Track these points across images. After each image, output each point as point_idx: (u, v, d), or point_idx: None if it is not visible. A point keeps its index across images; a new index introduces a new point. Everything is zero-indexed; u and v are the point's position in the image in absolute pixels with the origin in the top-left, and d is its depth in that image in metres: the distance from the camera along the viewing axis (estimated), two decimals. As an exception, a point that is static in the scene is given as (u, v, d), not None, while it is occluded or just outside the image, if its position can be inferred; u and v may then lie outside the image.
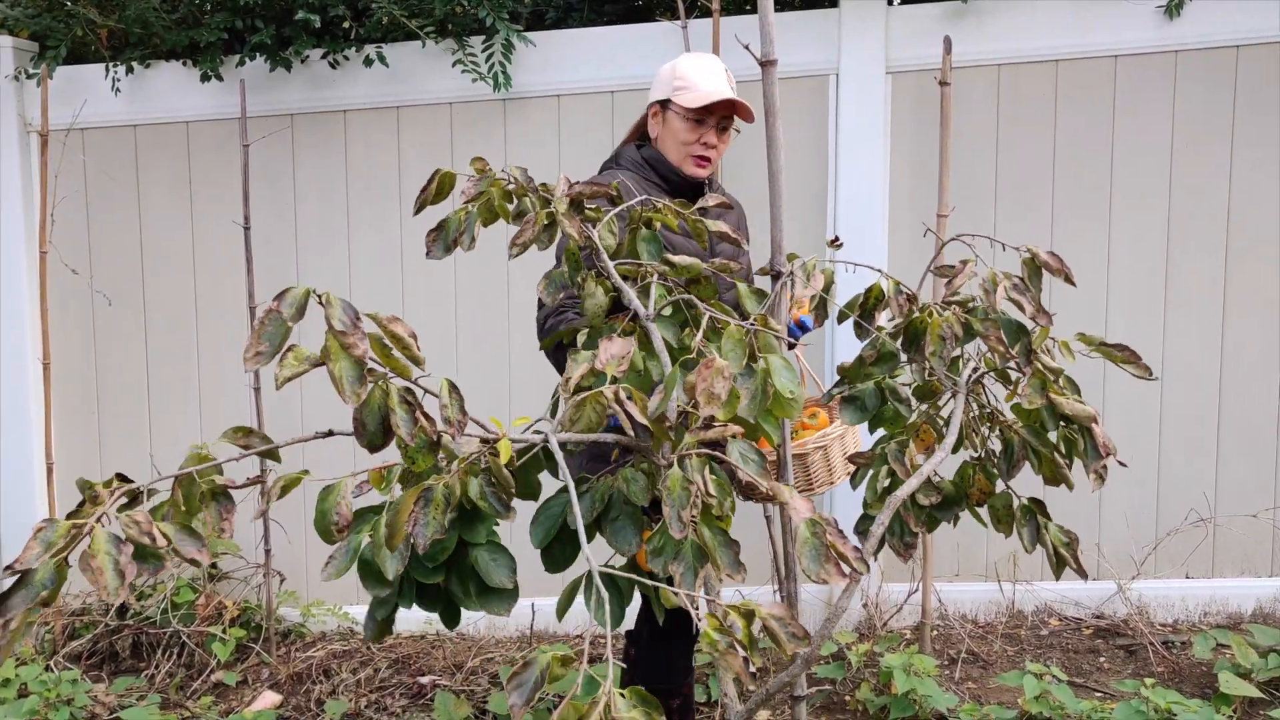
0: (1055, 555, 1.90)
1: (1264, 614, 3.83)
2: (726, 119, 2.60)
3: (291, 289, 1.40)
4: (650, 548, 1.61)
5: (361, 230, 4.03)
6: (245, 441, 1.52)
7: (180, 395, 4.13)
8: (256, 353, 1.37)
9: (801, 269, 1.91)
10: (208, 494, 1.49)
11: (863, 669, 3.48)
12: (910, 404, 2.02)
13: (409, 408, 1.47)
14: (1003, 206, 3.82)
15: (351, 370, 1.41)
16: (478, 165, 1.79)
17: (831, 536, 1.49)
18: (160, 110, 4.03)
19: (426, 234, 1.77)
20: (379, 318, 1.46)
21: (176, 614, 3.79)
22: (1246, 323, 3.78)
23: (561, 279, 1.86)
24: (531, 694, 1.35)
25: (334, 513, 1.55)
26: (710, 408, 1.50)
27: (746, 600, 1.46)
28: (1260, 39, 3.67)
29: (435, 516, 1.48)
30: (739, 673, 1.36)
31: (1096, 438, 1.84)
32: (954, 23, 3.72)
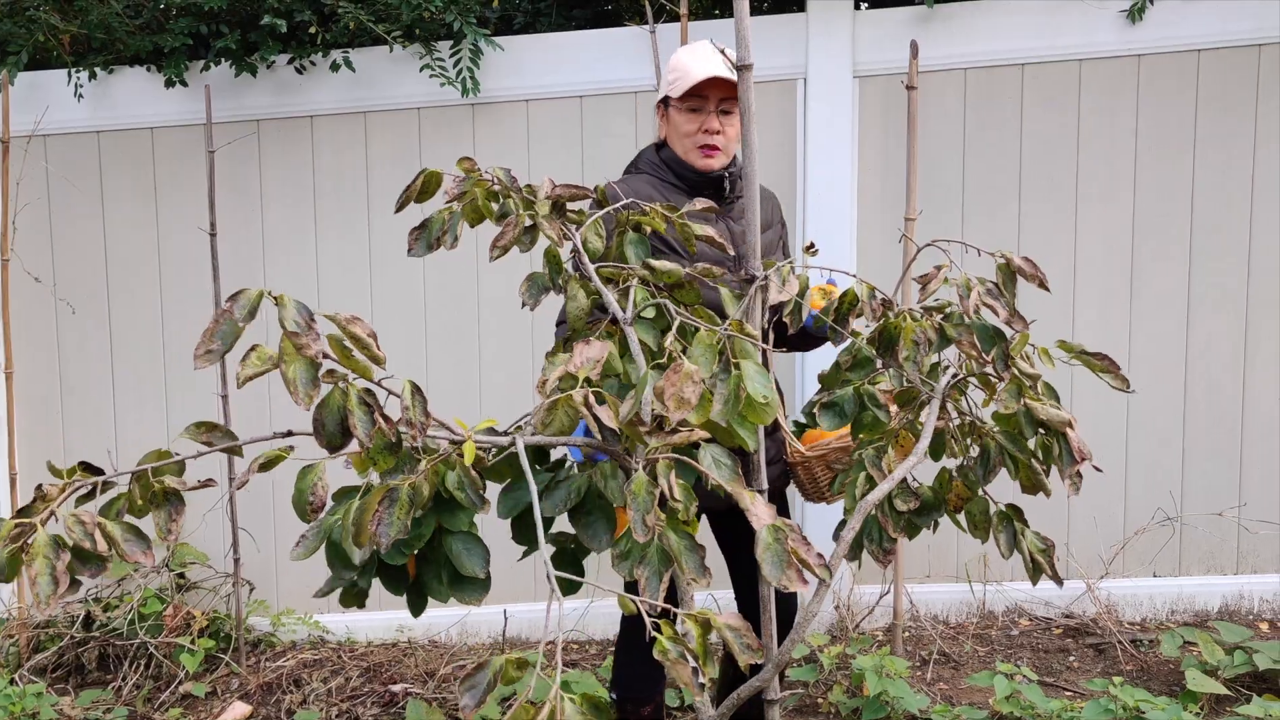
0: (1032, 562, 1.91)
1: (1229, 611, 3.88)
2: (727, 101, 2.52)
3: (245, 290, 1.41)
4: (616, 551, 1.61)
5: (329, 236, 4.00)
6: (208, 438, 1.52)
7: (146, 404, 4.09)
8: (207, 351, 1.38)
9: (776, 274, 1.91)
10: (159, 494, 1.49)
11: (835, 671, 3.49)
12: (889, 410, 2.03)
13: (367, 409, 1.47)
14: (970, 209, 3.85)
15: (304, 372, 1.41)
16: (465, 165, 1.79)
17: (794, 543, 1.49)
18: (124, 116, 3.98)
19: (409, 231, 1.78)
20: (338, 318, 1.45)
21: (144, 625, 3.75)
22: (1210, 323, 3.83)
23: (543, 281, 1.86)
24: (483, 696, 1.35)
25: (310, 492, 1.56)
26: (680, 412, 1.50)
27: (704, 609, 1.46)
28: (1220, 43, 3.71)
29: (399, 516, 1.49)
30: (687, 683, 1.36)
31: (1072, 443, 1.85)
32: (921, 27, 3.74)
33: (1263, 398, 3.84)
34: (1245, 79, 3.74)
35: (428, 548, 1.68)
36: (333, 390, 1.46)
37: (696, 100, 2.52)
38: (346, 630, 4.06)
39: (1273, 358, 3.82)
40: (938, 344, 1.81)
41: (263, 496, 3.98)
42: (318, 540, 1.63)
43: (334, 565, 1.65)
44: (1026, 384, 1.83)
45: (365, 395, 1.51)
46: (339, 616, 4.07)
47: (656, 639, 1.37)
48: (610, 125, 3.90)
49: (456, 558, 1.64)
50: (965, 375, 1.91)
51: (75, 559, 1.41)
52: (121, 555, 1.44)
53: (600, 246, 1.98)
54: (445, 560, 1.65)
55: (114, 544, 1.43)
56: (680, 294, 1.98)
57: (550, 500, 1.74)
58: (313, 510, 1.58)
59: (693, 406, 1.51)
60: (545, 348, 3.91)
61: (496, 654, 3.23)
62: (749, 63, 1.81)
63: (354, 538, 1.51)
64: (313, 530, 1.65)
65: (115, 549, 1.43)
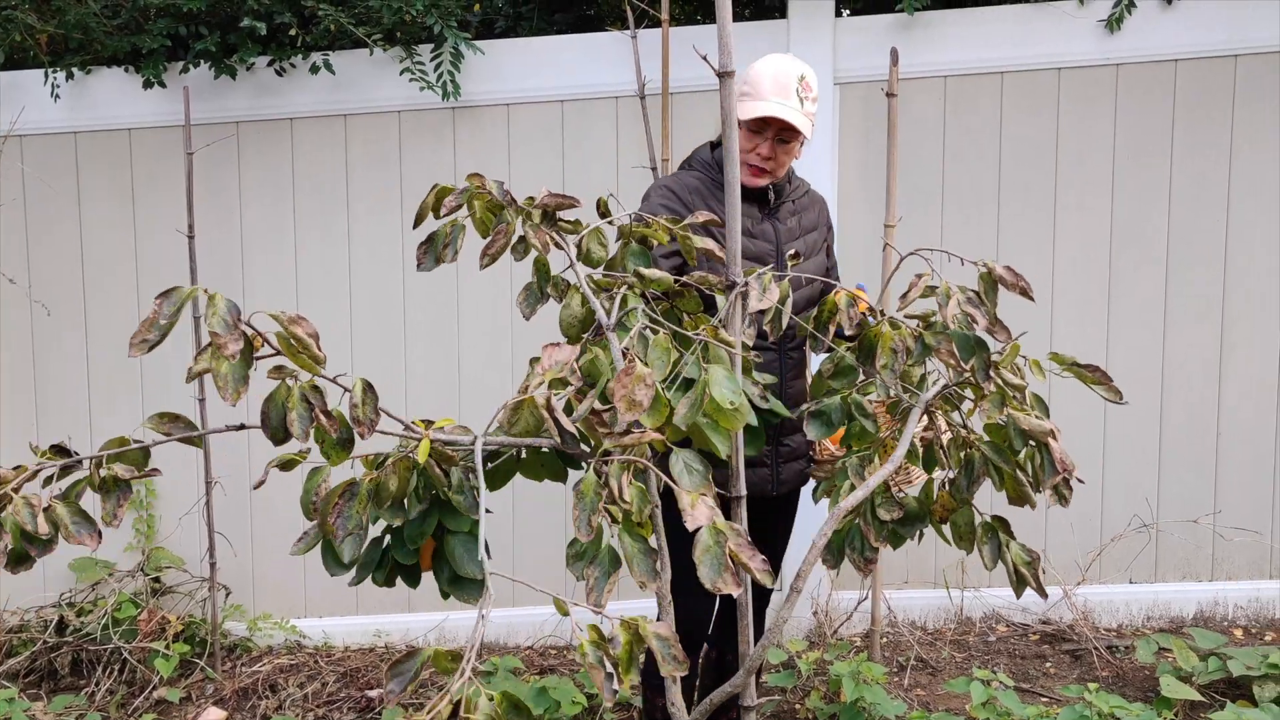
0: (1016, 574, 1.91)
1: (1204, 617, 3.90)
2: (787, 132, 2.54)
3: (178, 288, 1.46)
4: (571, 551, 1.61)
5: (308, 238, 3.98)
6: (168, 428, 1.54)
7: (123, 406, 4.05)
8: (143, 339, 1.44)
9: (758, 281, 1.91)
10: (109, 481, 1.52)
11: (813, 677, 3.49)
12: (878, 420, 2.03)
13: (307, 406, 1.49)
14: (950, 216, 3.87)
15: (233, 370, 1.44)
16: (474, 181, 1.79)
17: (734, 546, 1.49)
18: (102, 117, 3.95)
19: (417, 247, 1.81)
20: (280, 318, 1.47)
21: (118, 630, 3.72)
22: (1186, 331, 3.85)
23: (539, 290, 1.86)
24: (408, 683, 1.36)
25: (314, 492, 1.59)
26: (631, 413, 1.51)
27: (636, 616, 1.46)
28: (1197, 53, 3.74)
29: (357, 511, 1.50)
30: (599, 688, 1.36)
31: (1054, 454, 1.85)
32: (901, 34, 3.75)
33: (1238, 406, 3.86)
34: (1222, 89, 3.77)
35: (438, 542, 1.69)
36: (279, 385, 1.48)
37: (758, 123, 2.55)
38: (324, 635, 4.04)
39: (1248, 366, 3.85)
40: (917, 352, 1.81)
41: (240, 500, 3.96)
42: (315, 538, 1.65)
43: (328, 563, 1.65)
44: (1012, 395, 1.84)
45: (309, 392, 1.54)
46: (316, 621, 4.05)
47: (581, 641, 1.38)
48: (591, 130, 3.89)
49: (457, 560, 1.65)
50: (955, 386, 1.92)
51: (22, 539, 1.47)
52: (67, 537, 1.51)
53: (603, 255, 1.98)
54: (445, 560, 1.66)
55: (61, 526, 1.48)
56: (681, 303, 1.98)
57: None
58: (315, 509, 1.60)
59: (644, 409, 1.51)
60: (526, 347, 3.91)
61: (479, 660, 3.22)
62: (730, 69, 1.81)
63: (320, 526, 1.53)
64: (314, 527, 1.66)
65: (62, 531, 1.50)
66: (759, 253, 2.54)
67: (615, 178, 3.85)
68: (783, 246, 2.60)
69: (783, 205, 2.66)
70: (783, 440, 2.63)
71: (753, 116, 2.50)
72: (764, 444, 2.61)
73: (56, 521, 1.51)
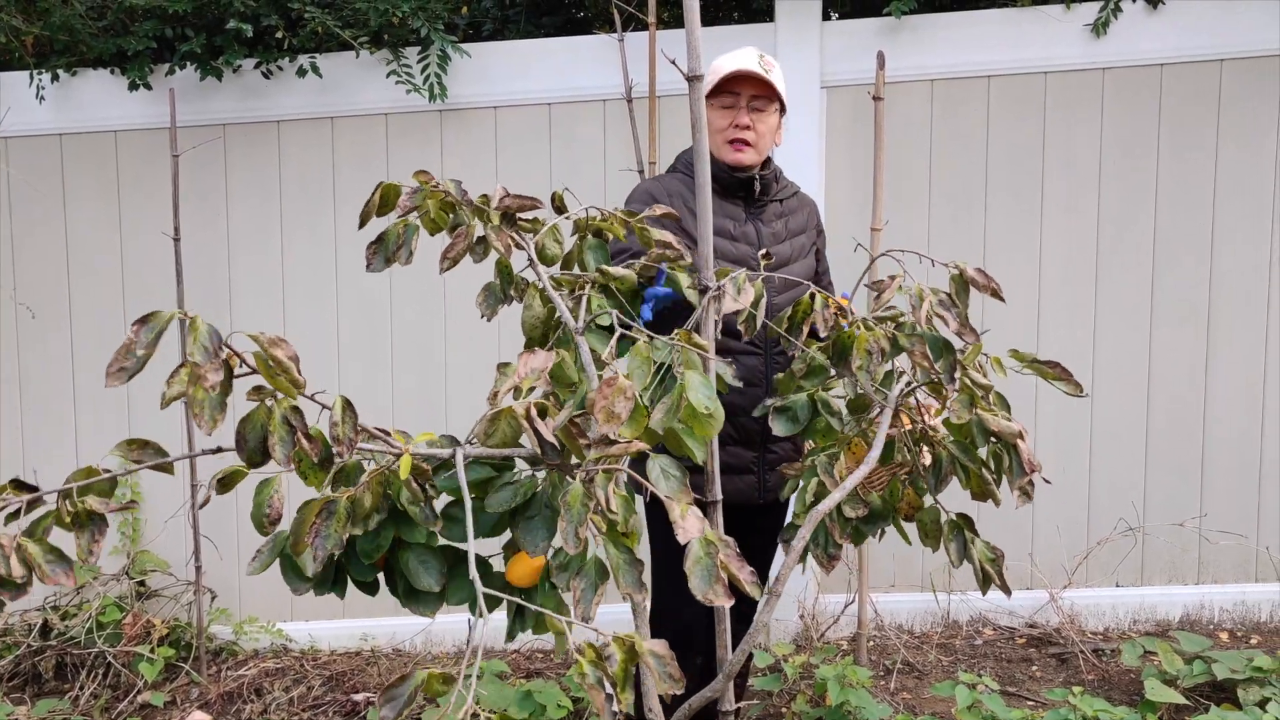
0: (981, 571, 1.91)
1: (1190, 621, 3.90)
2: (760, 99, 2.57)
3: (158, 313, 1.41)
4: (556, 562, 1.60)
5: (295, 241, 3.97)
6: (137, 455, 1.50)
7: (108, 410, 4.04)
8: (120, 368, 1.39)
9: (732, 283, 1.91)
10: (82, 515, 1.46)
11: (799, 681, 3.49)
12: (843, 417, 2.03)
13: (289, 429, 1.45)
14: (937, 219, 3.87)
15: (211, 398, 1.40)
16: (421, 178, 1.78)
17: (725, 557, 1.48)
18: (87, 119, 3.94)
19: (367, 247, 1.76)
20: (260, 340, 1.44)
21: (102, 634, 3.70)
22: (1172, 334, 3.85)
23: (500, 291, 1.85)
24: (402, 709, 1.34)
25: (266, 505, 1.55)
26: (610, 426, 1.49)
27: (631, 633, 1.45)
28: (1182, 58, 3.75)
29: (336, 530, 1.48)
30: (600, 709, 1.35)
31: (1022, 454, 1.85)
32: (888, 38, 3.76)
33: (1223, 409, 3.87)
34: (1207, 93, 3.77)
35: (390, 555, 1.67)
36: (258, 407, 1.44)
37: (729, 97, 2.57)
38: (310, 639, 4.03)
39: (1233, 369, 3.85)
40: (890, 353, 1.82)
41: (225, 504, 3.95)
42: (272, 554, 1.62)
43: (289, 577, 1.63)
44: (979, 394, 1.84)
45: (290, 414, 1.50)
46: (302, 625, 4.04)
47: (577, 660, 1.37)
48: (579, 132, 3.89)
49: (412, 573, 1.63)
50: (918, 384, 1.92)
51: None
52: (42, 577, 1.40)
53: (558, 253, 1.97)
54: (401, 572, 1.64)
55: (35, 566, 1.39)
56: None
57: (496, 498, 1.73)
58: (269, 523, 1.57)
59: (623, 421, 1.51)
60: (514, 346, 3.89)
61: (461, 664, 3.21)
62: (699, 73, 1.81)
63: (293, 548, 1.50)
64: (267, 544, 1.64)
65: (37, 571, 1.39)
66: (739, 256, 2.52)
67: (603, 180, 3.85)
68: (765, 248, 2.59)
69: (768, 206, 2.64)
70: (769, 446, 2.61)
71: (720, 76, 2.53)
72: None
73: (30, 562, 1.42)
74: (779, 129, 2.65)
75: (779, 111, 2.63)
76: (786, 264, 2.60)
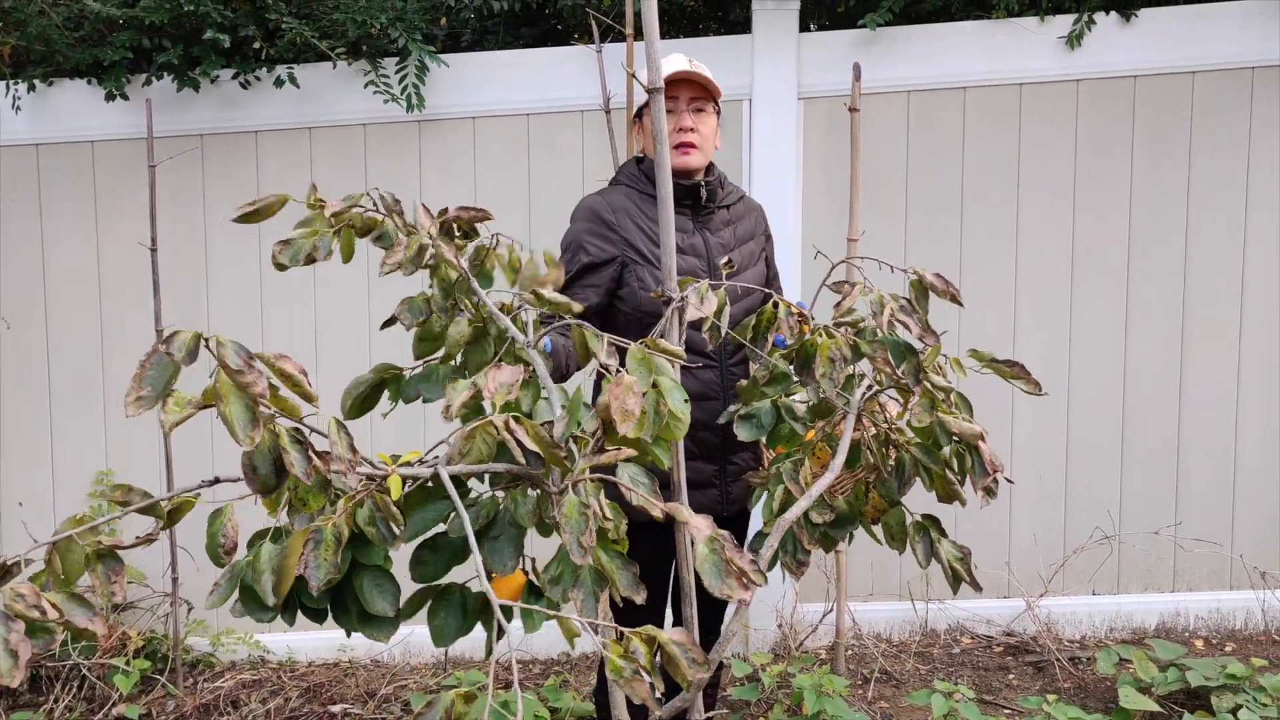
0: (951, 570, 1.92)
1: (1166, 628, 3.92)
2: (699, 100, 2.56)
3: (180, 332, 1.36)
4: (548, 576, 1.60)
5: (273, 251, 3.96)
6: (125, 499, 1.48)
7: (85, 424, 4.03)
8: (138, 398, 1.32)
9: (695, 293, 1.91)
10: (93, 556, 1.43)
11: (776, 690, 3.49)
12: (806, 422, 2.04)
13: (301, 447, 1.43)
14: (913, 229, 3.89)
15: (243, 412, 1.37)
16: (313, 199, 1.79)
17: (729, 552, 1.49)
18: (64, 129, 3.94)
19: (275, 243, 1.75)
20: (266, 357, 1.42)
21: (77, 646, 3.68)
22: (1146, 343, 3.88)
23: (422, 304, 1.85)
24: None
25: (221, 535, 1.53)
26: (625, 425, 1.50)
27: (648, 626, 1.46)
28: (1155, 70, 3.78)
29: (326, 558, 1.46)
30: (645, 698, 1.36)
31: (984, 455, 1.86)
32: (865, 50, 3.78)
33: (1197, 417, 3.89)
34: (1180, 104, 3.81)
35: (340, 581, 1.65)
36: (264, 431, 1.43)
37: (668, 101, 2.54)
38: (288, 650, 4.02)
39: (1208, 377, 3.88)
40: (852, 359, 1.82)
41: (203, 515, 3.92)
42: (230, 585, 1.60)
43: (249, 607, 1.61)
44: (940, 397, 1.85)
45: (295, 434, 1.48)
46: (280, 636, 4.02)
47: (607, 658, 1.37)
48: (557, 143, 3.90)
49: (366, 597, 1.61)
50: (882, 388, 1.93)
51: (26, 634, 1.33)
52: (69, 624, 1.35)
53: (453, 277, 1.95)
54: (354, 596, 1.63)
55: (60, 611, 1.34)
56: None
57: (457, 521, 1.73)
58: (225, 553, 1.54)
59: (635, 417, 1.52)
60: (490, 365, 3.90)
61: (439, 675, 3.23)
62: (660, 86, 1.81)
63: (275, 588, 1.48)
64: (225, 575, 1.61)
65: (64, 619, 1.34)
66: (688, 268, 2.50)
67: (581, 190, 3.84)
68: (714, 259, 2.57)
69: (715, 215, 2.62)
70: (729, 459, 2.61)
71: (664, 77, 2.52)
72: None
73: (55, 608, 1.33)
74: (718, 132, 2.66)
75: (717, 113, 2.63)
76: (738, 273, 2.59)
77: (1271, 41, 3.75)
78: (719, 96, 2.61)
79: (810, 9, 4.00)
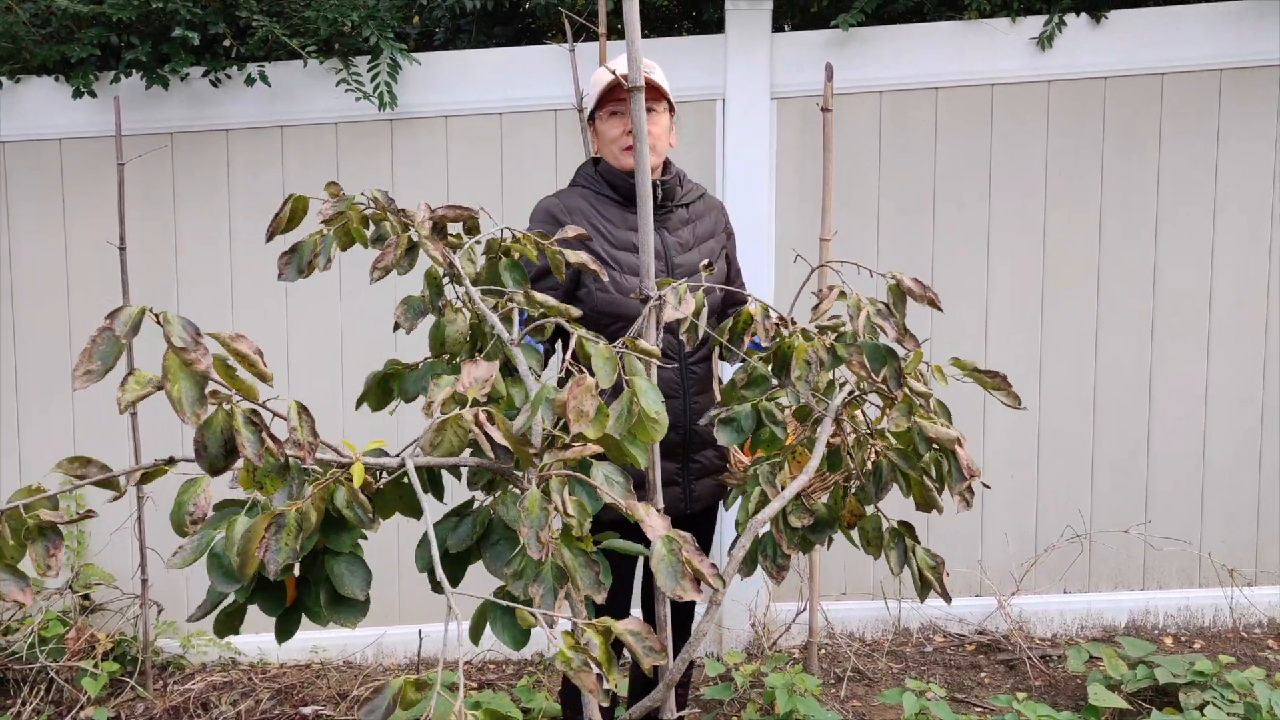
0: (920, 578, 1.93)
1: (1136, 626, 3.95)
2: (649, 100, 2.55)
3: (125, 308, 1.36)
4: (510, 570, 1.59)
5: (244, 251, 3.94)
6: (81, 472, 1.47)
7: (53, 421, 3.98)
8: (87, 371, 1.34)
9: (673, 293, 1.92)
10: (34, 530, 1.42)
11: (749, 690, 3.50)
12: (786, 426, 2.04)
13: (255, 428, 1.43)
14: (885, 230, 3.90)
15: (191, 390, 1.37)
16: (332, 190, 1.77)
17: (688, 554, 1.49)
18: (31, 127, 3.89)
19: (280, 256, 1.74)
20: (221, 336, 1.42)
21: (44, 649, 3.64)
22: (1116, 344, 3.91)
23: (420, 304, 1.84)
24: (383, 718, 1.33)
25: (191, 503, 1.52)
26: (580, 425, 1.50)
27: (603, 618, 1.46)
28: (1125, 71, 3.81)
29: (287, 543, 1.45)
30: (593, 690, 1.36)
31: (961, 460, 1.87)
32: (837, 50, 3.79)
33: (1167, 416, 3.93)
34: (1150, 105, 3.84)
35: (307, 567, 1.65)
36: (216, 411, 1.42)
37: (617, 104, 2.57)
38: (259, 651, 3.99)
39: (1177, 377, 3.92)
40: (829, 363, 1.83)
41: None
42: (196, 552, 1.59)
43: (214, 576, 1.61)
44: (918, 402, 1.85)
45: (250, 415, 1.48)
46: (252, 638, 3.99)
47: (558, 649, 1.37)
48: (530, 141, 3.89)
49: (338, 579, 1.61)
50: (862, 393, 1.93)
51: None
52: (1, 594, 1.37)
53: (473, 271, 1.96)
54: (325, 580, 1.62)
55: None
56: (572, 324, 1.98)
57: (455, 536, 1.73)
58: (192, 523, 1.54)
59: (591, 419, 1.51)
60: (463, 365, 3.88)
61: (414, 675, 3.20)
62: (640, 84, 1.81)
63: (239, 569, 1.48)
64: (191, 541, 1.60)
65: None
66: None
67: (554, 188, 3.83)
68: (672, 259, 2.57)
69: (673, 214, 2.63)
70: (692, 457, 2.61)
71: (603, 86, 2.54)
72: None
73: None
74: (672, 130, 2.66)
75: (669, 112, 2.64)
76: (696, 272, 2.60)
77: (1240, 43, 3.79)
78: (669, 98, 2.61)
79: (783, 9, 4.00)
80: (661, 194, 2.58)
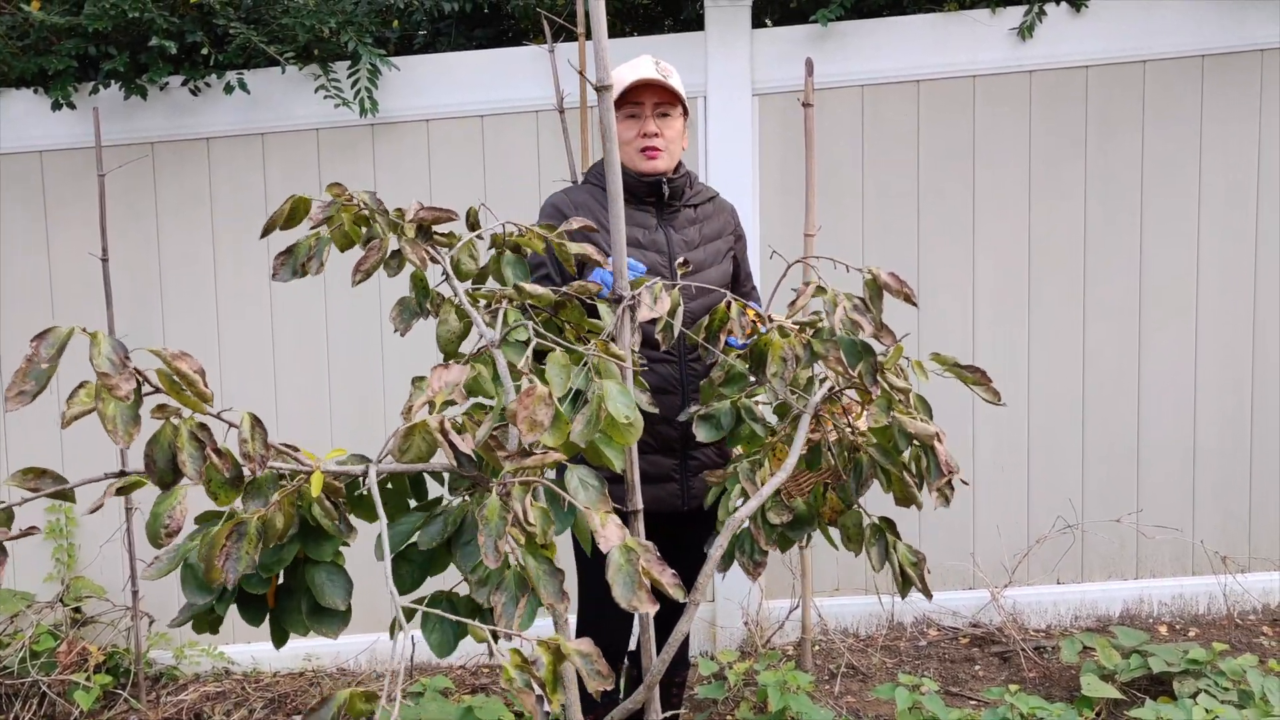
0: (901, 574, 1.92)
1: (1130, 615, 3.95)
2: (663, 105, 2.59)
3: (55, 328, 1.36)
4: (475, 577, 1.58)
5: (227, 259, 3.93)
6: (35, 484, 1.46)
7: (39, 436, 3.97)
8: (19, 391, 1.33)
9: (648, 292, 1.91)
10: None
11: (743, 688, 3.49)
12: (765, 423, 2.03)
13: (199, 445, 1.42)
14: (870, 223, 3.89)
15: (123, 411, 1.36)
16: (334, 190, 1.76)
17: (646, 563, 1.48)
18: (11, 139, 3.88)
19: (275, 256, 1.74)
20: (163, 354, 1.41)
21: (35, 663, 3.63)
22: (1102, 332, 3.90)
23: (414, 306, 1.83)
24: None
25: (166, 515, 1.51)
26: (533, 434, 1.49)
27: (556, 636, 1.45)
28: (1106, 60, 3.80)
29: (247, 551, 1.45)
30: (531, 711, 1.35)
31: (939, 456, 1.86)
32: (817, 45, 3.78)
33: (1155, 404, 3.92)
34: (1131, 94, 3.83)
35: (289, 577, 1.64)
36: (164, 425, 1.41)
37: (633, 106, 2.58)
38: (252, 661, 3.98)
39: (1164, 364, 3.91)
40: (806, 359, 1.82)
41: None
42: (171, 563, 1.59)
43: (188, 589, 1.60)
44: (897, 398, 1.84)
45: (198, 430, 1.47)
46: (245, 647, 3.98)
47: (504, 666, 1.35)
48: (512, 144, 3.88)
49: (318, 589, 1.60)
50: (841, 389, 1.92)
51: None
52: None
53: (474, 268, 1.96)
54: (306, 590, 1.61)
55: None
56: (563, 313, 1.97)
57: (426, 533, 1.71)
58: (167, 534, 1.53)
59: (545, 429, 1.50)
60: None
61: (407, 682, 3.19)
62: (608, 84, 1.80)
63: (206, 574, 1.47)
64: (167, 553, 1.60)
65: None
66: (650, 265, 2.52)
67: (537, 191, 3.84)
68: (676, 256, 2.58)
69: (680, 213, 2.64)
70: (690, 453, 2.60)
71: (624, 88, 2.54)
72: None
73: None
74: (684, 134, 2.67)
75: (683, 116, 2.65)
76: (700, 270, 2.60)
77: (1220, 29, 3.78)
78: (684, 102, 2.63)
79: (763, 5, 3.99)
80: (669, 192, 2.61)
